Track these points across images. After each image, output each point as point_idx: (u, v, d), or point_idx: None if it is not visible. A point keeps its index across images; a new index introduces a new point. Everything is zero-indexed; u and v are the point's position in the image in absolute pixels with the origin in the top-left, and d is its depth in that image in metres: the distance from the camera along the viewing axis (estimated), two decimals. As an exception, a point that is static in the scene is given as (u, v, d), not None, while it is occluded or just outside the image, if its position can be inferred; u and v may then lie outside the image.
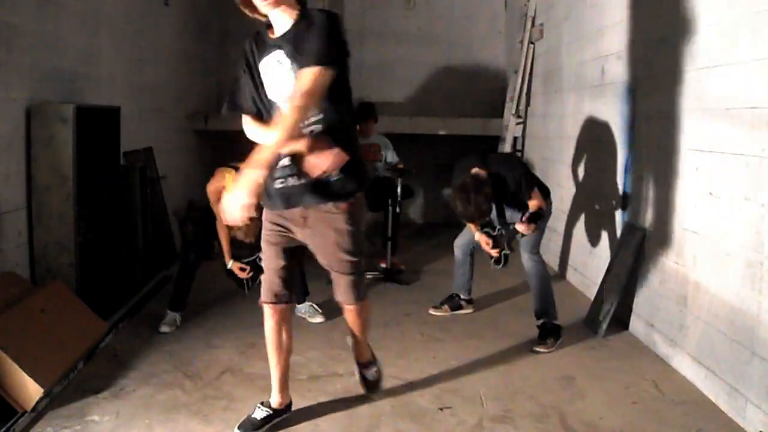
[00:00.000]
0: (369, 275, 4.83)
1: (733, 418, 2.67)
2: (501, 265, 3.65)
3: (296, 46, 2.24)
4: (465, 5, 7.25)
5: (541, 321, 3.55)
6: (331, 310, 4.02)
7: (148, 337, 3.54)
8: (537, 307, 3.60)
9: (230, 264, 3.71)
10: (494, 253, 3.61)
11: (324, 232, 2.40)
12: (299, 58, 2.20)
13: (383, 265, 4.93)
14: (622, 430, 2.62)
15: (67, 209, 3.43)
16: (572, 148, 4.74)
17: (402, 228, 5.55)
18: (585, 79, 4.58)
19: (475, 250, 4.00)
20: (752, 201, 2.59)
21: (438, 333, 3.74)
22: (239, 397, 2.85)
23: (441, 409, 2.78)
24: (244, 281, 3.75)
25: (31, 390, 2.56)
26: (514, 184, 3.43)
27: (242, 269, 3.72)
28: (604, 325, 3.65)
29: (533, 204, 3.41)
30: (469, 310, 4.10)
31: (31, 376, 2.55)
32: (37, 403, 2.59)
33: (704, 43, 2.98)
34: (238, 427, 2.54)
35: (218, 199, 3.60)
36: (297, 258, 2.55)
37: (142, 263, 4.37)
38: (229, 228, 3.62)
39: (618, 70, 4.00)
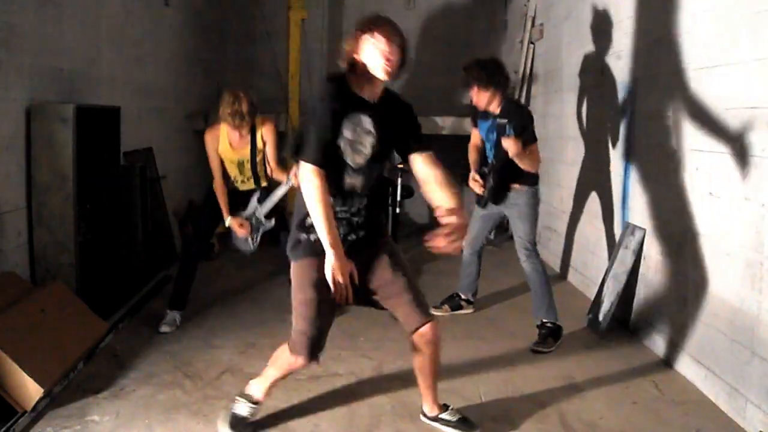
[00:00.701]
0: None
1: (733, 418, 2.67)
2: (483, 206, 3.74)
3: (388, 119, 2.30)
4: (465, 5, 7.25)
5: (541, 321, 3.56)
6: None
7: (148, 337, 3.54)
8: (537, 308, 3.60)
9: (228, 221, 3.72)
10: (480, 191, 3.69)
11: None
12: (397, 135, 2.34)
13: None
14: (622, 430, 2.62)
15: (67, 209, 3.43)
16: (572, 148, 4.74)
17: (402, 228, 5.55)
18: (585, 80, 4.58)
19: (482, 249, 4.00)
20: (752, 201, 2.59)
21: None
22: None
23: (441, 409, 2.78)
24: (249, 240, 3.76)
25: (31, 390, 2.56)
26: (520, 128, 3.44)
27: (242, 225, 3.73)
28: (604, 325, 3.65)
29: (532, 155, 3.46)
30: (469, 310, 4.10)
31: (31, 376, 2.55)
32: (37, 403, 2.59)
33: (704, 43, 2.98)
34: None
35: (215, 147, 3.65)
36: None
37: (142, 263, 4.37)
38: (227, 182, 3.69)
39: (618, 70, 4.00)
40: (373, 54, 2.19)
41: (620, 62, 3.97)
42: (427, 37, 7.26)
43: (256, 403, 2.56)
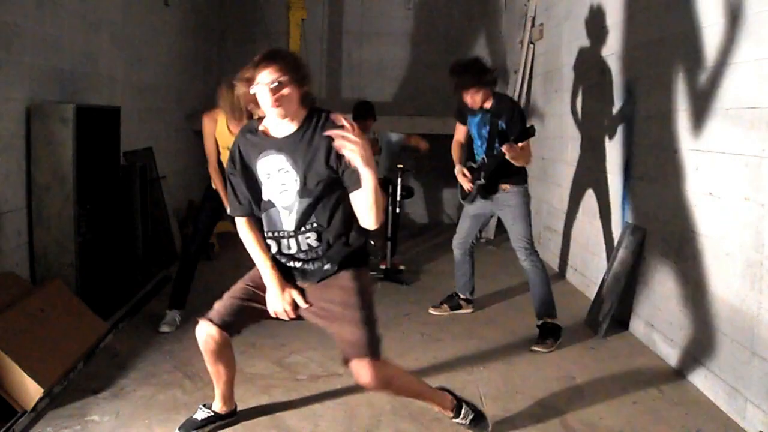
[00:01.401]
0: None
1: (733, 418, 2.67)
2: (470, 201, 3.76)
3: (306, 156, 2.18)
4: (465, 5, 7.25)
5: (541, 321, 3.56)
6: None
7: (148, 337, 3.54)
8: (537, 307, 3.60)
9: (229, 210, 3.72)
10: (468, 187, 3.71)
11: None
12: (318, 172, 2.17)
13: (383, 266, 4.93)
14: (622, 430, 2.62)
15: (67, 209, 3.43)
16: (572, 148, 4.74)
17: (402, 228, 5.56)
18: (585, 79, 4.58)
19: (474, 248, 4.01)
20: (752, 201, 2.59)
21: (438, 333, 3.74)
22: (239, 397, 2.85)
23: (441, 409, 2.78)
24: None
25: (31, 390, 2.56)
26: (518, 131, 3.46)
27: None
28: (604, 325, 3.65)
29: (525, 151, 3.47)
30: (469, 310, 4.10)
31: (31, 376, 2.55)
32: (37, 403, 2.59)
33: (704, 43, 2.98)
34: (179, 428, 2.55)
35: (212, 130, 3.67)
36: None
37: (142, 263, 4.37)
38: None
39: (618, 70, 4.00)
40: (260, 96, 2.13)
41: (620, 62, 3.97)
42: (426, 37, 7.26)
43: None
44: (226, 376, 2.59)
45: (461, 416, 2.49)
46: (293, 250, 2.31)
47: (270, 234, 2.33)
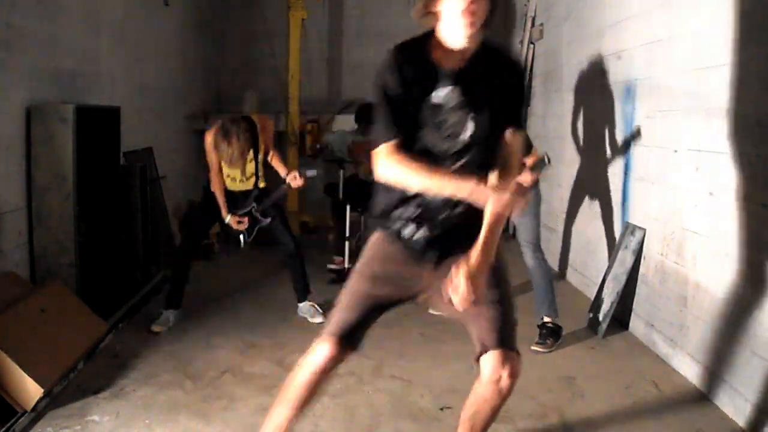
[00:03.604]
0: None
1: (733, 418, 2.67)
2: None
3: (480, 90, 1.88)
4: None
5: (541, 321, 3.56)
6: (332, 310, 4.02)
7: (148, 337, 3.54)
8: (538, 307, 3.60)
9: (228, 218, 3.79)
10: None
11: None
12: (491, 110, 1.88)
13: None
14: (622, 430, 2.62)
15: (67, 209, 3.43)
16: (572, 148, 4.74)
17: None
18: (585, 79, 4.58)
19: None
20: (752, 201, 2.59)
21: (438, 333, 3.74)
22: (239, 397, 2.85)
23: (441, 409, 2.78)
24: (241, 234, 3.84)
25: (31, 390, 2.56)
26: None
27: (240, 222, 3.79)
28: (604, 325, 3.65)
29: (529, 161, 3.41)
30: (469, 310, 4.10)
31: (31, 376, 2.55)
32: (37, 403, 2.59)
33: (704, 43, 2.98)
34: None
35: (215, 147, 3.66)
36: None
37: (141, 263, 4.37)
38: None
39: (618, 70, 4.00)
40: (450, 8, 1.78)
41: (620, 62, 3.97)
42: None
43: None
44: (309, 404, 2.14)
45: None
46: (450, 206, 1.91)
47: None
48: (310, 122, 6.08)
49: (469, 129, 1.88)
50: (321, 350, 2.04)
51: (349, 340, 2.03)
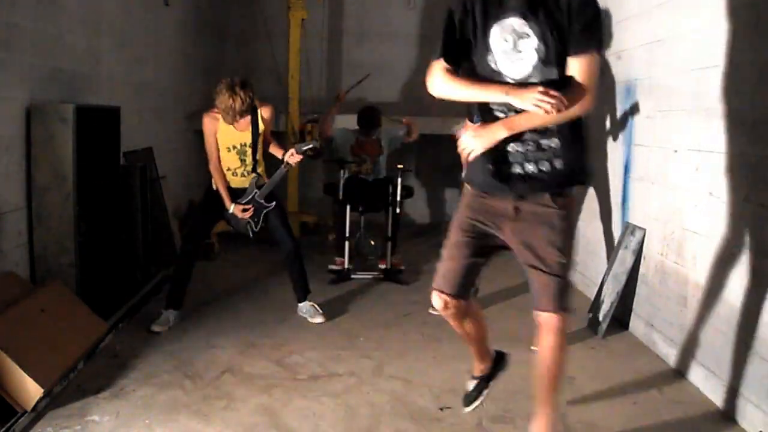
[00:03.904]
0: (369, 275, 4.84)
1: (733, 418, 2.67)
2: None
3: (546, 18, 1.98)
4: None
5: (541, 321, 3.55)
6: (332, 310, 4.03)
7: (148, 337, 3.54)
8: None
9: (232, 208, 3.77)
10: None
11: (536, 227, 2.14)
12: (554, 37, 1.97)
13: (383, 266, 4.93)
14: (622, 430, 2.62)
15: (67, 209, 3.43)
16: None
17: (402, 228, 5.55)
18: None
19: None
20: (752, 201, 2.59)
21: (438, 333, 3.74)
22: (239, 397, 2.85)
23: (441, 409, 2.79)
24: (248, 224, 3.81)
25: (31, 390, 2.56)
26: None
27: (245, 210, 3.78)
28: (604, 325, 3.65)
29: None
30: (469, 310, 4.10)
31: (31, 376, 2.55)
32: (37, 403, 2.59)
33: (704, 43, 2.98)
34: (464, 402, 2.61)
35: (214, 130, 3.67)
36: (482, 262, 2.28)
37: (142, 263, 4.36)
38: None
39: (618, 70, 4.00)
40: None
41: (620, 62, 3.97)
42: (427, 36, 7.25)
43: None
44: (476, 335, 2.48)
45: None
46: (518, 142, 2.05)
47: (499, 107, 2.07)
48: (310, 122, 6.08)
49: (534, 54, 1.99)
50: (436, 302, 2.27)
51: (453, 290, 2.21)
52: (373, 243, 5.41)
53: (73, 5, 3.86)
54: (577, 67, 2.00)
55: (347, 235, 4.85)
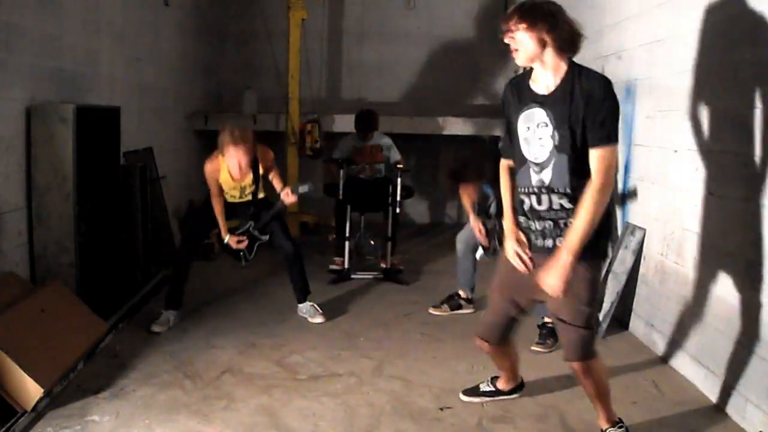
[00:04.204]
0: (369, 275, 4.84)
1: (733, 418, 2.67)
2: (489, 256, 3.77)
3: (564, 109, 2.17)
4: (465, 5, 7.24)
5: (541, 321, 3.55)
6: (332, 310, 4.03)
7: (148, 337, 3.54)
8: (538, 307, 3.59)
9: (227, 238, 3.82)
10: (485, 242, 3.70)
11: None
12: (569, 126, 2.16)
13: (383, 265, 4.93)
14: (622, 430, 2.62)
15: (67, 209, 3.43)
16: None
17: (402, 228, 5.55)
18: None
19: (477, 245, 4.01)
20: (752, 201, 2.59)
21: (438, 333, 3.74)
22: (239, 397, 2.85)
23: (441, 409, 2.78)
24: (241, 253, 3.87)
25: (31, 390, 2.56)
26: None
27: (239, 241, 3.82)
28: (604, 325, 3.65)
29: None
30: (469, 310, 4.10)
31: (31, 376, 2.55)
32: (37, 403, 2.59)
33: (704, 43, 2.98)
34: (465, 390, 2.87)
35: (216, 177, 3.68)
36: (522, 312, 2.55)
37: (142, 263, 4.37)
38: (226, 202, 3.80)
39: (618, 70, 4.00)
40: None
41: (620, 62, 3.97)
42: (427, 37, 7.25)
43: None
44: (508, 363, 2.77)
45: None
46: (544, 206, 2.28)
47: (523, 189, 2.31)
48: (309, 122, 6.08)
49: (552, 142, 2.20)
50: (481, 346, 2.63)
51: (492, 339, 2.58)
52: (373, 243, 5.41)
53: (73, 5, 3.87)
54: (595, 157, 2.16)
55: (347, 235, 4.85)
